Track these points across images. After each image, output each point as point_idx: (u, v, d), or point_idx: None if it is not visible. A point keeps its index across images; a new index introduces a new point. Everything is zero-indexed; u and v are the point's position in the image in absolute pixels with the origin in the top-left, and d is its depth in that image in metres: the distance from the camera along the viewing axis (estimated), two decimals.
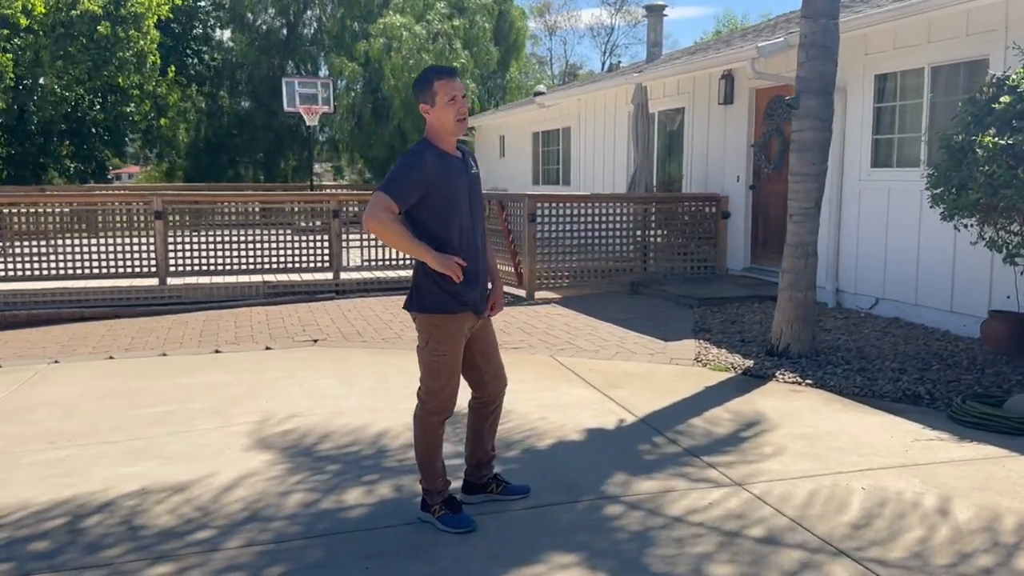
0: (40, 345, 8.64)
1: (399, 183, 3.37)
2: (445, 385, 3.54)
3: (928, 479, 4.09)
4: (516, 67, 28.50)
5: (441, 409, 3.57)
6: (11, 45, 19.20)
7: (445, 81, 3.48)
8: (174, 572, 3.22)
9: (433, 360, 3.52)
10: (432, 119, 3.50)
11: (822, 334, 7.67)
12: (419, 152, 3.46)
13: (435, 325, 3.48)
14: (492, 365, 3.76)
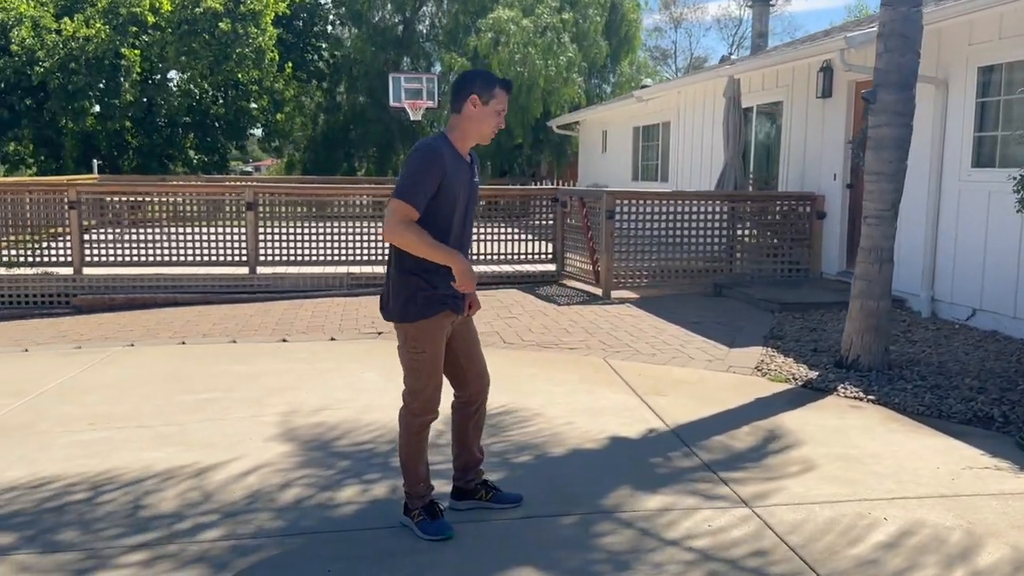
0: (128, 328, 9.06)
1: (416, 189, 3.25)
2: (427, 384, 3.44)
3: (965, 513, 3.70)
4: (627, 61, 27.98)
5: (424, 410, 3.47)
6: (139, 41, 20.27)
7: (505, 93, 3.46)
8: (146, 560, 3.25)
9: (413, 359, 3.43)
10: (472, 116, 3.40)
11: (906, 346, 7.16)
12: (436, 149, 3.33)
13: (413, 326, 3.39)
14: (474, 363, 3.64)
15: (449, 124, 3.48)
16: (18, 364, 7.04)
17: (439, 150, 3.33)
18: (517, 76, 22.26)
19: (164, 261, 11.07)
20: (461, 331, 3.59)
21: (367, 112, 25.63)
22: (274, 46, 22.45)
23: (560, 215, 11.70)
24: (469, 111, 3.41)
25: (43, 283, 10.71)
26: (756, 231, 10.68)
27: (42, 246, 11.07)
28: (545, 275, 11.57)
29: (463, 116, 3.42)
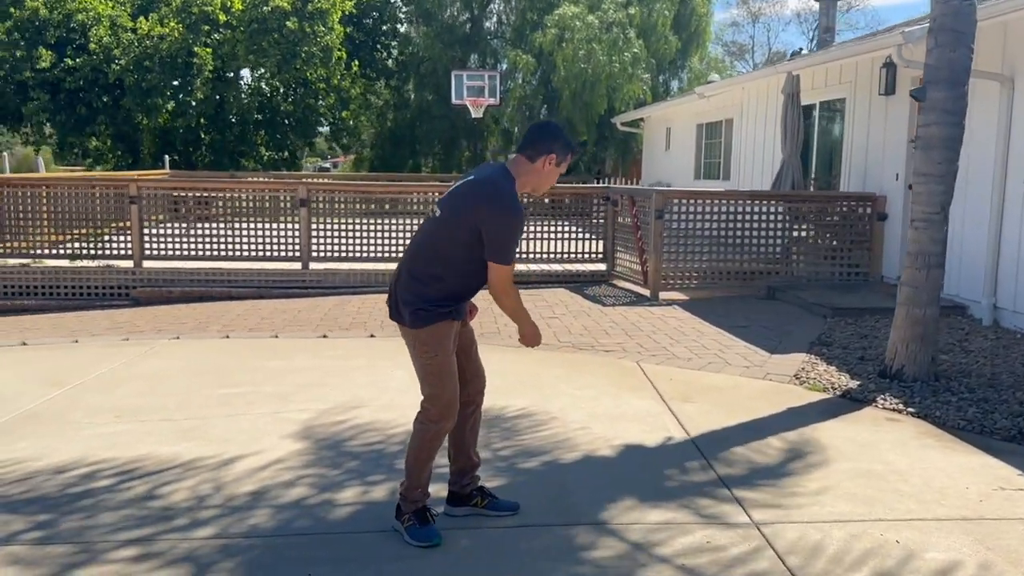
0: (181, 321, 9.28)
1: (513, 244, 3.36)
2: (444, 388, 3.41)
3: (986, 538, 3.48)
4: (697, 57, 27.50)
5: (442, 416, 3.42)
6: (211, 40, 20.77)
7: (572, 155, 3.51)
8: (134, 556, 3.29)
9: (428, 364, 3.40)
10: (543, 173, 3.44)
11: (959, 356, 6.84)
12: (515, 196, 3.36)
13: (431, 332, 3.36)
14: (471, 363, 3.62)
15: (516, 167, 3.43)
16: (66, 354, 7.26)
17: (517, 199, 3.37)
18: (580, 72, 22.10)
19: (220, 256, 11.30)
20: (462, 334, 3.56)
21: (433, 109, 25.79)
22: (342, 44, 22.74)
23: (611, 214, 11.55)
24: (541, 167, 3.43)
25: (104, 275, 11.04)
26: (813, 232, 10.35)
27: (105, 239, 11.42)
28: (595, 275, 11.44)
29: (534, 168, 3.43)
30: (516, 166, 3.41)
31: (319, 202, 11.58)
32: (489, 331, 7.99)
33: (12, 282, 10.91)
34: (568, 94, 22.51)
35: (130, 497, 3.90)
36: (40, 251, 11.28)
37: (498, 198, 3.30)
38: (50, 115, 20.84)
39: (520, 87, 24.73)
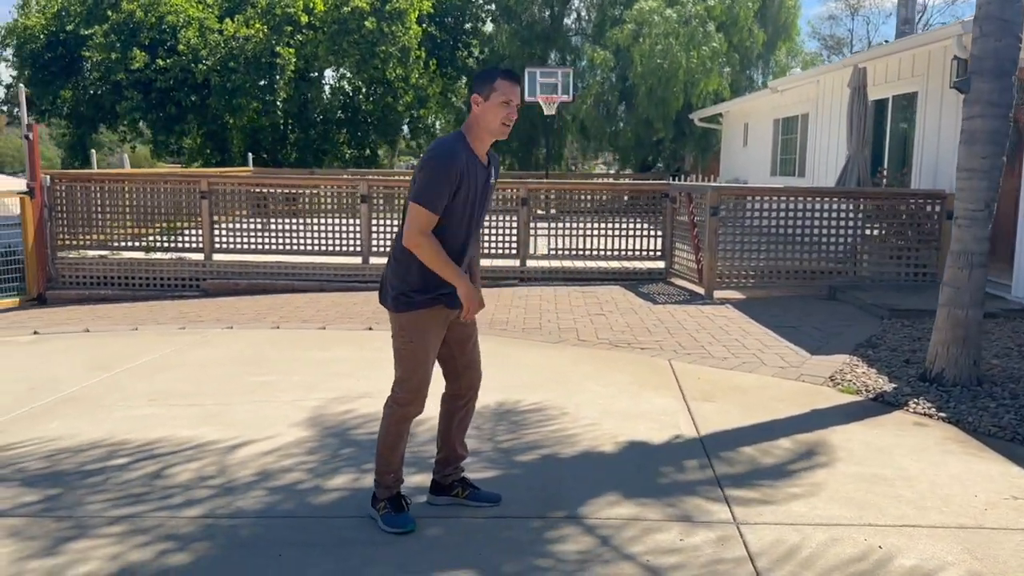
0: (241, 312, 9.62)
1: (434, 190, 3.25)
2: (413, 374, 3.44)
3: (976, 547, 3.32)
4: (784, 50, 26.78)
5: (410, 400, 3.46)
6: (294, 40, 21.38)
7: (508, 83, 3.34)
8: (122, 532, 3.45)
9: (402, 348, 3.44)
10: (479, 113, 3.35)
11: (1015, 360, 6.51)
12: (454, 150, 3.31)
13: (408, 317, 3.40)
14: (465, 355, 3.62)
15: (465, 123, 3.44)
16: (122, 341, 7.63)
17: (455, 152, 3.31)
18: (657, 68, 21.83)
19: (285, 250, 11.64)
20: (458, 326, 3.57)
21: None
22: (420, 44, 23.07)
23: (670, 211, 11.40)
24: (475, 110, 3.38)
25: (177, 267, 11.53)
26: (878, 231, 9.99)
27: (178, 233, 11.91)
28: (652, 273, 11.32)
29: (472, 116, 3.40)
30: (465, 124, 3.42)
31: (378, 198, 11.80)
32: (531, 327, 8.02)
33: (92, 273, 11.50)
34: (644, 90, 22.28)
35: (136, 476, 4.09)
36: (118, 243, 11.85)
37: (430, 149, 3.33)
38: (142, 114, 21.84)
39: (597, 83, 24.60)
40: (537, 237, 11.57)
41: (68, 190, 11.69)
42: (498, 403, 5.35)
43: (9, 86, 24.38)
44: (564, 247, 11.53)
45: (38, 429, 4.86)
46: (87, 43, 21.67)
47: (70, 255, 11.61)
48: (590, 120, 24.72)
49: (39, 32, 22.82)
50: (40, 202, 11.26)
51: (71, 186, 11.77)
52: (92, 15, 22.34)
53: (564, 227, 11.60)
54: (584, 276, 11.16)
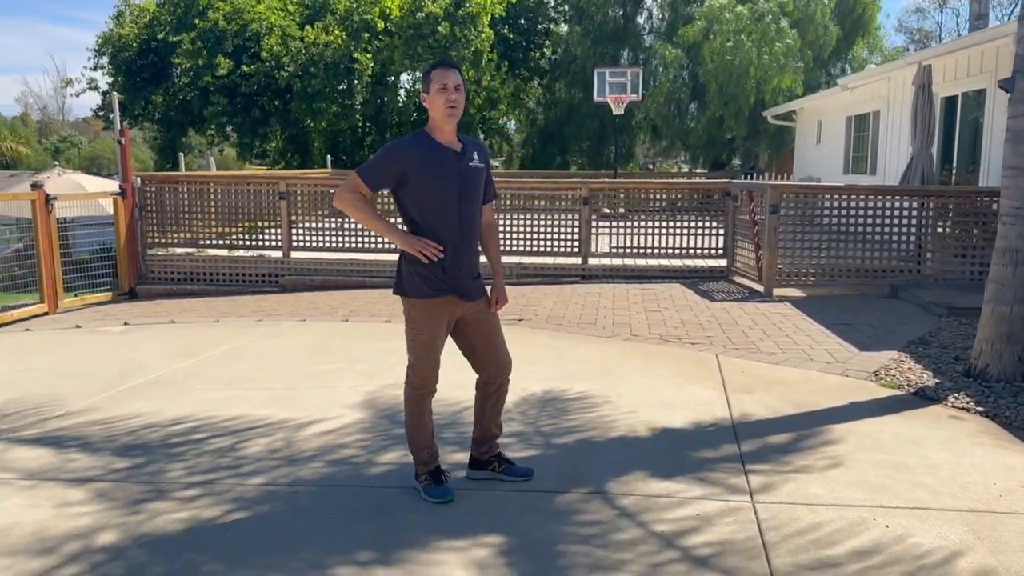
0: (315, 306, 10.15)
1: (373, 168, 3.67)
2: (423, 360, 3.76)
3: (981, 529, 3.48)
4: (862, 45, 26.32)
5: (420, 384, 3.80)
6: (371, 46, 22.07)
7: (439, 71, 3.66)
8: (193, 496, 3.89)
9: (411, 337, 3.77)
10: (428, 107, 3.69)
11: None
12: (402, 141, 3.71)
13: (413, 306, 3.73)
14: (489, 349, 3.90)
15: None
16: (204, 332, 8.20)
17: (403, 141, 3.70)
18: (727, 65, 21.78)
19: (358, 248, 12.16)
20: (477, 317, 3.86)
21: (582, 107, 26.11)
22: (494, 46, 23.49)
23: (731, 210, 11.50)
24: (426, 105, 3.73)
25: (257, 264, 12.16)
26: (942, 229, 9.93)
27: (258, 232, 12.55)
28: (714, 271, 11.45)
29: (428, 110, 3.72)
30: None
31: None
32: (587, 322, 8.30)
33: (179, 269, 12.23)
34: (714, 87, 22.24)
35: (210, 449, 4.54)
36: (203, 242, 12.55)
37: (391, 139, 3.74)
38: (228, 118, 22.85)
39: (668, 81, 24.63)
40: (599, 235, 11.81)
41: (157, 191, 12.44)
42: (544, 391, 5.66)
43: (105, 93, 25.76)
44: (626, 245, 11.74)
45: (125, 408, 5.37)
46: (176, 50, 22.80)
47: (159, 252, 12.36)
48: (661, 119, 24.77)
49: (132, 41, 24.09)
50: (131, 203, 12.02)
51: (160, 187, 12.53)
52: (181, 24, 23.49)
53: (626, 225, 11.81)
54: (645, 274, 11.36)
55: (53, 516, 3.68)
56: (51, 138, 61.85)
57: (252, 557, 3.27)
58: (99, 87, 26.29)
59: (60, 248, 10.87)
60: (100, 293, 11.64)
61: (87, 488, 3.99)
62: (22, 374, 6.42)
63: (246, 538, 3.45)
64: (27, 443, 4.69)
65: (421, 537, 3.44)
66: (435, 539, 3.42)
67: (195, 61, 22.09)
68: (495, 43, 24.30)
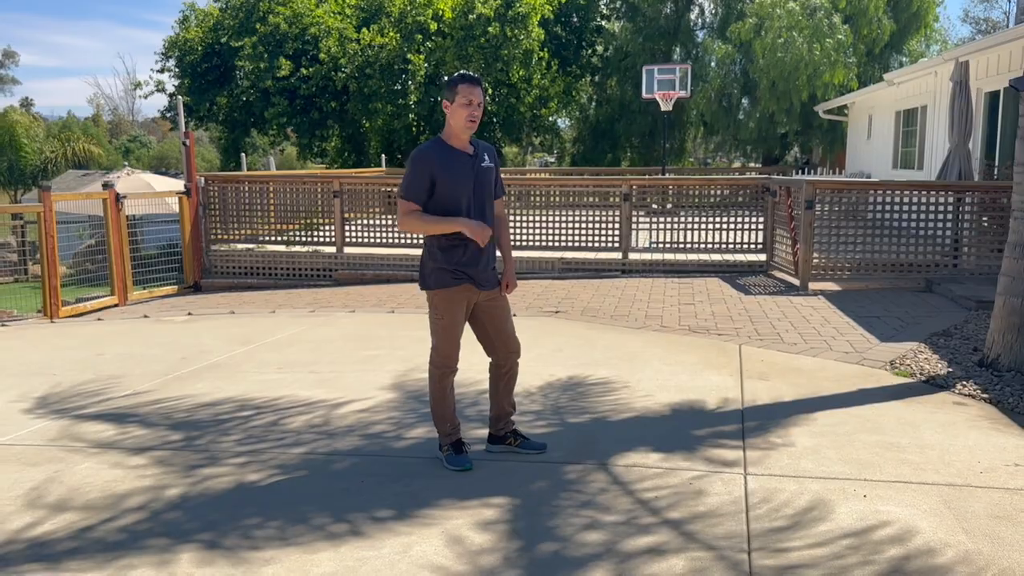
0: (365, 298, 10.68)
1: (411, 184, 4.06)
2: (444, 342, 4.19)
3: (954, 501, 3.76)
4: (918, 38, 25.98)
5: (442, 364, 4.23)
6: (424, 47, 22.64)
7: (466, 86, 4.04)
8: (242, 463, 4.38)
9: (434, 322, 4.20)
10: (448, 116, 4.09)
11: None
12: (425, 152, 4.08)
13: (435, 295, 4.16)
14: (500, 333, 4.32)
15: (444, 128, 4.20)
16: (261, 322, 8.77)
17: (426, 152, 4.09)
18: (778, 62, 21.77)
19: (407, 243, 12.67)
20: (490, 305, 4.28)
21: (633, 104, 26.31)
22: (544, 44, 23.84)
23: (771, 205, 11.70)
24: (447, 114, 4.12)
25: (313, 259, 12.77)
26: (979, 224, 10.01)
27: (314, 228, 13.16)
28: (753, 265, 11.66)
29: (447, 118, 4.13)
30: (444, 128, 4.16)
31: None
32: (620, 314, 8.64)
33: (240, 264, 12.90)
34: (766, 83, 22.26)
35: (259, 423, 5.04)
36: (262, 238, 13.21)
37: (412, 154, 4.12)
38: (288, 119, 23.65)
39: (719, 77, 24.68)
40: (639, 231, 12.11)
41: (220, 190, 13.13)
42: (568, 376, 6.04)
43: (172, 95, 26.83)
44: (666, 240, 12.03)
45: (187, 388, 5.92)
46: (239, 54, 23.69)
47: (221, 248, 13.05)
48: (711, 114, 24.85)
49: (197, 44, 25.08)
50: (196, 201, 12.73)
51: (222, 187, 13.22)
52: (243, 28, 24.37)
53: (666, 221, 12.09)
54: (684, 268, 11.62)
55: (120, 477, 4.20)
56: (121, 138, 64.18)
57: (289, 510, 3.74)
58: (166, 89, 27.42)
59: (129, 244, 11.61)
60: (167, 287, 12.38)
61: (149, 455, 4.52)
62: (96, 358, 7.05)
63: (286, 496, 3.92)
64: (96, 417, 5.26)
65: (437, 498, 3.87)
66: (450, 500, 3.84)
67: (257, 64, 22.93)
68: (546, 41, 24.65)
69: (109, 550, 3.38)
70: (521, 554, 3.29)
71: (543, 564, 3.23)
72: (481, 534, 3.49)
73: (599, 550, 3.32)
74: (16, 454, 4.57)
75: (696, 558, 3.26)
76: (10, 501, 3.91)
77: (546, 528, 3.54)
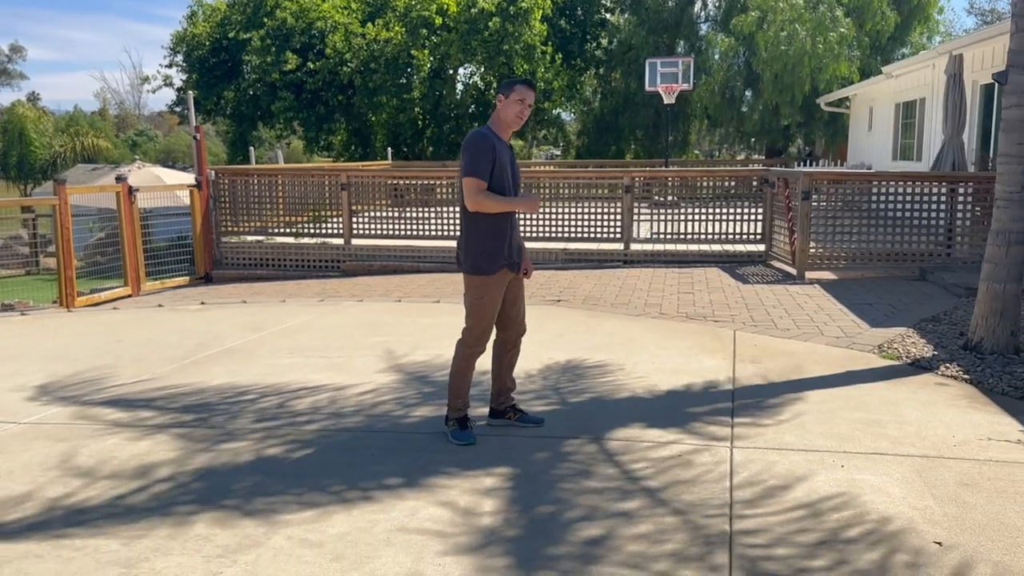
0: (372, 288, 10.95)
1: (477, 163, 4.29)
2: (480, 323, 4.46)
3: (925, 470, 4.03)
4: (921, 31, 26.14)
5: (476, 342, 4.49)
6: (428, 42, 22.88)
7: (524, 89, 4.38)
8: (259, 438, 4.65)
9: (474, 303, 4.46)
10: (500, 108, 4.41)
11: None
12: (485, 135, 4.38)
13: (482, 280, 4.42)
14: (514, 308, 4.61)
15: (491, 118, 4.49)
16: (272, 310, 9.05)
17: (487, 136, 4.38)
18: (781, 55, 21.96)
19: (413, 235, 12.94)
20: (513, 285, 4.58)
21: (637, 96, 26.51)
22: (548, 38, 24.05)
23: (769, 196, 11.93)
24: (498, 106, 4.45)
25: (321, 251, 13.05)
26: (971, 215, 10.24)
27: (322, 220, 13.43)
28: (752, 255, 11.90)
29: (497, 110, 4.45)
30: (491, 118, 4.46)
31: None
32: (621, 303, 8.90)
33: (250, 255, 13.19)
34: (769, 76, 22.45)
35: (274, 403, 5.32)
36: (272, 230, 13.49)
37: (469, 137, 4.38)
38: (295, 113, 23.93)
39: (722, 70, 24.87)
40: (640, 222, 12.36)
41: (230, 183, 13.42)
42: (568, 360, 6.31)
43: (179, 89, 27.13)
44: (667, 231, 12.27)
45: (204, 371, 6.21)
46: (246, 48, 23.95)
47: (231, 240, 13.34)
48: (715, 107, 25.05)
49: (205, 39, 25.36)
50: (206, 194, 13.01)
51: (232, 180, 13.51)
52: (251, 22, 24.64)
53: (667, 212, 12.34)
54: (685, 259, 11.87)
55: (147, 450, 4.48)
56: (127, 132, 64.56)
57: (304, 479, 4.01)
58: (174, 84, 27.71)
59: (142, 236, 11.90)
60: (178, 278, 12.68)
61: (170, 432, 4.80)
62: (115, 344, 7.34)
63: (300, 467, 4.20)
64: (117, 398, 5.54)
65: (442, 469, 4.14)
66: (453, 470, 4.11)
67: (264, 58, 23.21)
68: (550, 35, 24.86)
69: (139, 514, 3.66)
70: (520, 515, 3.57)
71: (540, 523, 3.50)
72: (484, 499, 3.76)
73: (592, 512, 3.59)
74: (45, 432, 4.86)
75: (678, 521, 3.52)
76: (43, 472, 4.19)
77: (542, 494, 3.81)
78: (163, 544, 3.38)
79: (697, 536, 3.38)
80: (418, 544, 3.35)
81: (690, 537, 3.37)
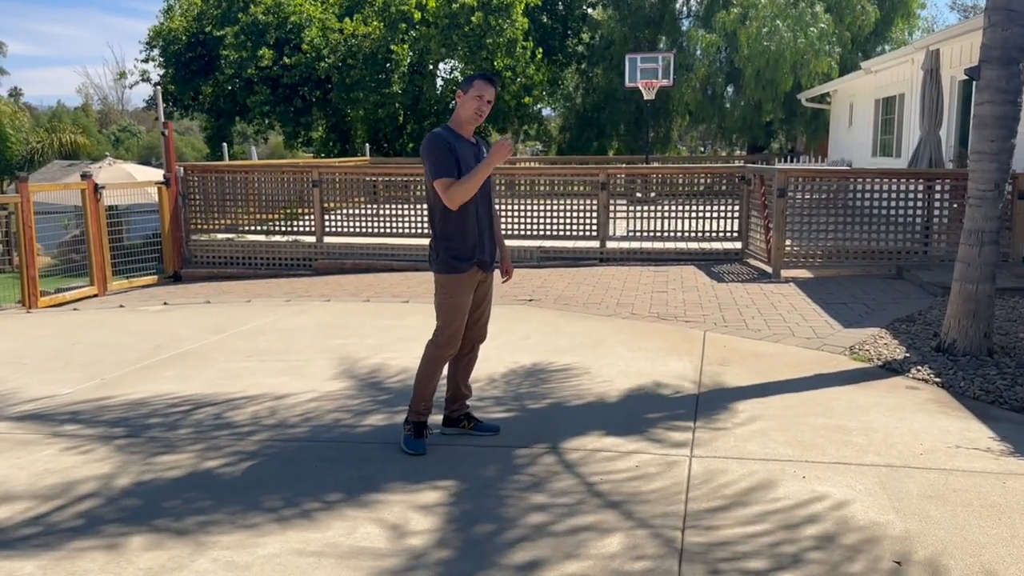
0: (343, 287, 10.74)
1: (440, 163, 4.13)
2: (451, 323, 4.30)
3: (889, 481, 3.88)
4: (902, 26, 26.08)
5: (447, 343, 4.32)
6: (408, 36, 22.63)
7: (482, 82, 4.22)
8: (200, 450, 4.46)
9: (442, 303, 4.30)
10: (459, 105, 4.27)
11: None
12: (439, 135, 4.23)
13: (449, 279, 4.26)
14: (477, 311, 4.45)
15: (452, 117, 4.32)
16: (236, 311, 8.83)
17: (441, 135, 4.23)
18: (763, 51, 21.84)
19: (385, 232, 12.73)
20: (483, 287, 4.42)
21: (619, 92, 26.32)
22: (529, 33, 23.85)
23: (746, 193, 11.79)
24: (457, 103, 4.29)
25: (292, 249, 12.82)
26: (948, 212, 10.12)
27: (294, 218, 13.20)
28: (729, 253, 11.76)
29: (456, 107, 4.27)
30: (452, 116, 4.30)
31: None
32: (593, 302, 8.74)
33: (220, 254, 12.95)
34: (751, 72, 22.33)
35: (222, 411, 5.12)
36: (243, 228, 13.25)
37: (424, 140, 4.23)
38: (271, 107, 23.63)
39: (704, 66, 24.74)
40: (616, 219, 12.19)
41: (199, 180, 13.17)
42: (533, 363, 6.14)
43: (156, 84, 26.77)
44: (644, 229, 12.12)
45: (155, 375, 6.00)
46: (222, 43, 23.63)
47: (201, 238, 13.08)
48: (696, 103, 24.92)
49: (181, 34, 25.01)
50: (175, 191, 12.76)
51: (202, 176, 13.25)
52: (226, 17, 24.31)
53: (644, 209, 12.18)
54: (662, 257, 11.72)
55: (79, 463, 4.28)
56: (111, 128, 63.91)
57: (245, 494, 3.82)
58: (151, 79, 27.34)
59: (110, 234, 11.64)
60: (147, 276, 12.42)
61: (107, 444, 4.59)
62: (69, 347, 7.11)
63: (240, 482, 4.01)
64: (62, 406, 5.33)
65: (388, 482, 3.96)
66: (400, 483, 3.93)
67: (240, 53, 22.89)
68: (531, 30, 24.65)
69: (60, 535, 3.46)
70: (456, 535, 3.39)
71: (475, 544, 3.32)
72: (423, 517, 3.58)
73: (534, 532, 3.42)
74: None
75: (632, 536, 3.36)
76: None
77: (486, 510, 3.63)
78: (83, 567, 3.18)
79: (644, 554, 3.21)
80: (349, 567, 3.17)
81: (637, 554, 3.20)
